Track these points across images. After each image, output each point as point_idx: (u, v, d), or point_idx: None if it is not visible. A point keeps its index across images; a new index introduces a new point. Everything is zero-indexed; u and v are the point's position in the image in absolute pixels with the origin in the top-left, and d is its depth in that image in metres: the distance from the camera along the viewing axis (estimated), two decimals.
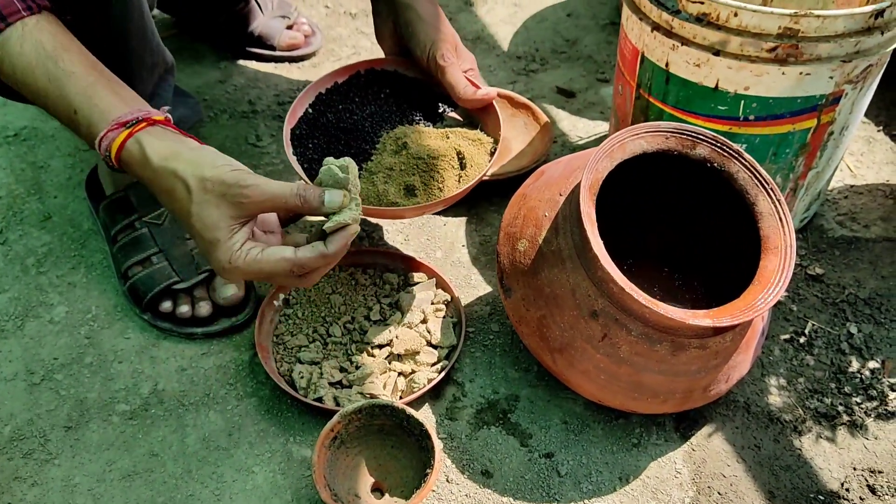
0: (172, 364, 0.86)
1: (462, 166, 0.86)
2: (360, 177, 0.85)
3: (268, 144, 1.15)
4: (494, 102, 0.89)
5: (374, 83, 0.96)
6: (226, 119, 1.20)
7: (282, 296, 0.91)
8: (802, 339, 0.90)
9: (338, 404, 0.80)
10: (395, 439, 0.76)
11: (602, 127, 1.20)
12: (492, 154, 0.88)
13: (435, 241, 1.02)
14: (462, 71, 0.89)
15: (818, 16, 0.76)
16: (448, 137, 0.88)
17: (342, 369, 0.84)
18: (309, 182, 0.78)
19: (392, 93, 0.95)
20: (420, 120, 0.93)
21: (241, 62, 1.30)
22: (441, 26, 0.89)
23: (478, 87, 0.89)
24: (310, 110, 0.93)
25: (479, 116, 0.93)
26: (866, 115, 1.20)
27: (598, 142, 1.17)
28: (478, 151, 0.88)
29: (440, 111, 0.94)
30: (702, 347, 0.73)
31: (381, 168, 0.86)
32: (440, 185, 0.84)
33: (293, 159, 0.87)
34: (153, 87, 0.91)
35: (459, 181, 0.86)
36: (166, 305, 0.89)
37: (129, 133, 0.67)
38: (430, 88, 0.95)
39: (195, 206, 0.65)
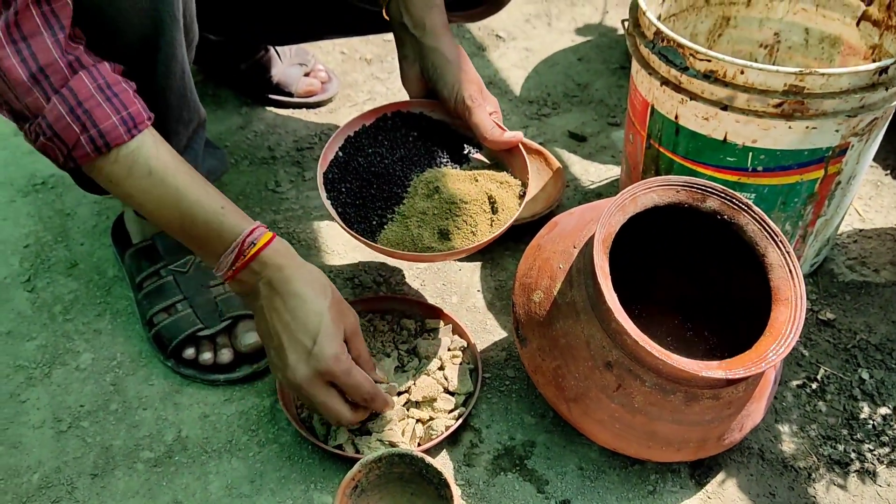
0: (195, 411, 0.88)
1: (493, 210, 0.88)
2: (393, 220, 0.89)
3: (287, 190, 1.18)
4: (520, 145, 0.91)
5: (401, 126, 0.97)
6: (246, 165, 1.23)
7: None
8: (815, 385, 0.91)
9: (357, 451, 0.82)
10: (414, 487, 0.78)
11: (613, 171, 1.22)
12: (521, 197, 0.90)
13: (450, 287, 1.04)
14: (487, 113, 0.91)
15: (823, 74, 0.78)
16: (477, 180, 0.90)
17: None
18: (343, 227, 0.88)
19: (419, 135, 0.96)
20: (447, 162, 0.94)
21: (261, 108, 1.34)
22: (467, 68, 0.92)
23: (503, 129, 0.90)
24: (340, 154, 0.94)
25: (504, 159, 0.95)
26: (874, 159, 1.22)
27: (609, 186, 1.20)
28: (507, 195, 0.90)
29: (465, 152, 0.96)
30: (715, 398, 0.74)
31: (414, 212, 0.88)
32: (473, 230, 0.86)
33: (328, 203, 0.89)
34: (187, 140, 0.94)
35: (492, 225, 0.87)
36: (189, 352, 0.92)
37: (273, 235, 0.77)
38: (455, 130, 0.96)
39: (332, 306, 0.76)
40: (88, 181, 0.80)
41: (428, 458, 0.75)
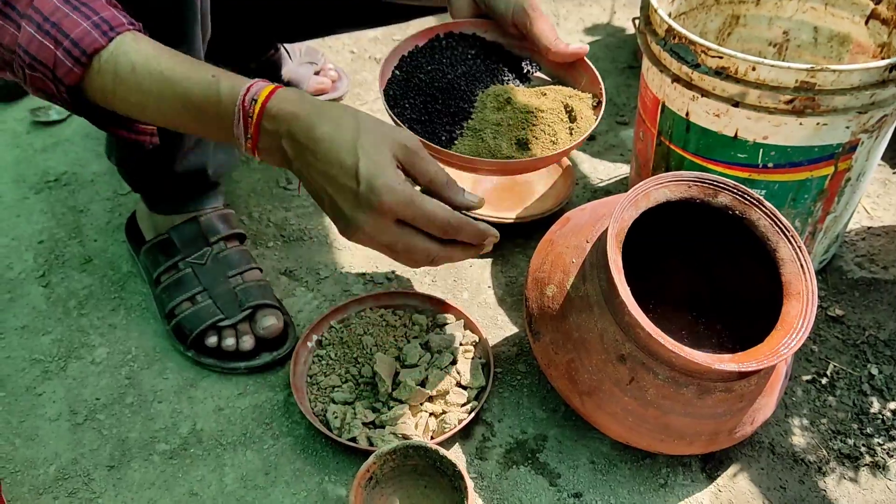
0: (210, 404, 0.89)
1: (571, 118, 0.85)
2: (463, 135, 0.84)
3: (298, 188, 1.19)
4: (585, 58, 0.88)
5: (456, 45, 0.92)
6: (257, 163, 1.24)
7: (315, 337, 0.94)
8: (824, 381, 0.91)
9: (371, 444, 0.83)
10: (428, 479, 0.78)
11: (622, 169, 1.23)
12: (595, 108, 0.87)
13: (461, 283, 1.04)
14: None
15: (834, 70, 0.79)
16: (545, 94, 0.87)
17: (374, 409, 0.86)
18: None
19: (476, 53, 0.92)
20: (512, 79, 0.91)
21: None
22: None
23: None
24: (397, 72, 0.89)
25: (567, 75, 0.92)
26: (882, 158, 1.23)
27: (618, 184, 1.20)
28: (582, 105, 0.87)
29: (525, 71, 0.92)
30: (727, 391, 0.75)
31: (486, 124, 0.83)
32: (553, 138, 0.83)
33: (395, 119, 0.84)
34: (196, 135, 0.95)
35: (571, 133, 0.84)
36: (212, 340, 0.92)
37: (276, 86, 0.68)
38: (510, 51, 0.94)
39: (366, 134, 0.66)
40: (103, 114, 0.73)
41: (442, 451, 0.76)
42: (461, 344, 0.93)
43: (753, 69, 0.81)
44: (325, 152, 0.66)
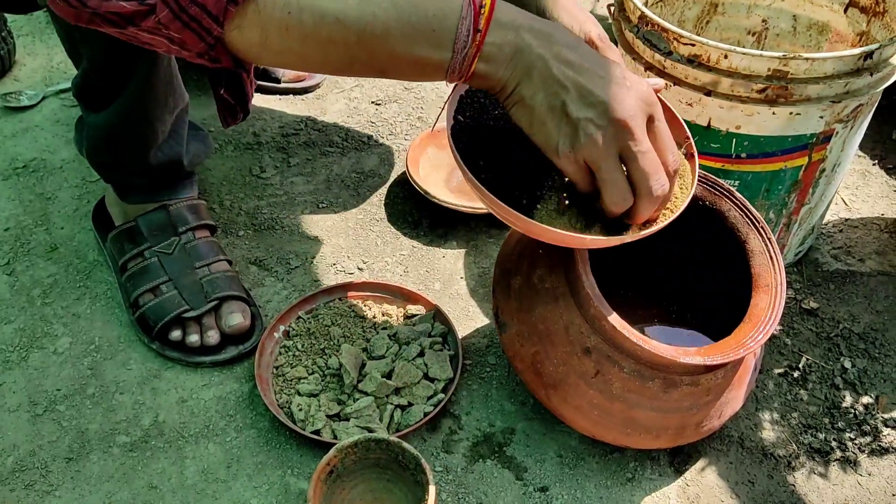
0: (173, 395, 0.88)
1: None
2: (544, 197, 0.69)
3: (272, 176, 1.17)
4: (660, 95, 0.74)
5: None
6: (231, 150, 1.22)
7: (282, 327, 0.93)
8: (796, 374, 0.90)
9: (335, 437, 0.81)
10: (390, 473, 0.77)
11: None
12: (691, 157, 0.72)
13: (434, 273, 1.03)
14: None
15: (807, 58, 0.77)
16: None
17: (340, 402, 0.85)
18: (502, 208, 0.64)
19: None
20: None
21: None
22: (571, 7, 0.75)
23: None
24: (460, 118, 0.71)
25: None
26: (861, 148, 1.21)
27: None
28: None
29: None
30: (693, 384, 0.74)
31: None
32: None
33: (485, 193, 0.65)
34: (172, 126, 0.93)
35: (680, 189, 0.71)
36: (176, 334, 0.91)
37: None
38: None
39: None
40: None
41: (404, 444, 0.74)
42: (430, 335, 0.91)
43: (726, 57, 0.80)
44: (587, 52, 0.60)
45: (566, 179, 0.69)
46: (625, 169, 0.62)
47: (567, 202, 0.68)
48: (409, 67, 0.60)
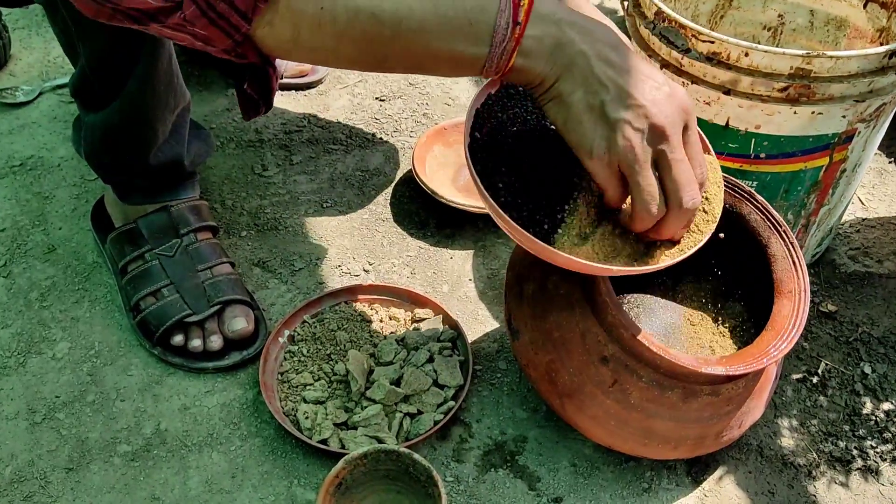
0: (175, 402, 0.85)
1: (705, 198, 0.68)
2: (566, 222, 0.65)
3: (274, 174, 1.15)
4: None
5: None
6: (232, 148, 1.19)
7: (287, 332, 0.90)
8: (815, 380, 0.88)
9: (343, 446, 0.79)
10: (401, 485, 0.75)
11: None
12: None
13: (441, 275, 1.00)
14: None
15: (831, 56, 0.75)
16: None
17: (347, 409, 0.82)
18: (524, 234, 0.61)
19: None
20: None
21: None
22: (597, 11, 0.70)
23: None
24: (477, 135, 0.66)
25: None
26: (878, 146, 1.19)
27: None
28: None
29: None
30: (714, 394, 0.71)
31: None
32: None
33: (496, 207, 0.62)
34: (172, 125, 0.90)
35: (706, 213, 0.68)
36: (178, 339, 0.88)
37: None
38: None
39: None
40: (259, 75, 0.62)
41: (415, 455, 0.72)
42: (439, 340, 0.89)
43: (746, 55, 0.77)
44: (628, 54, 0.59)
45: (593, 196, 0.66)
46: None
47: (592, 222, 0.65)
48: (445, 63, 0.58)
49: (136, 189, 0.93)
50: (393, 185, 1.13)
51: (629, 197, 0.61)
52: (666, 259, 0.64)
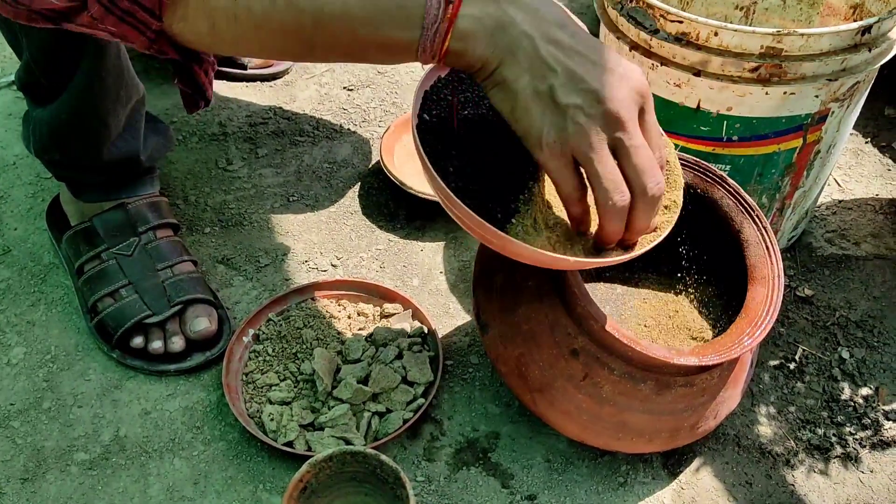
0: (136, 407, 0.82)
1: None
2: (521, 211, 0.61)
3: (239, 168, 1.11)
4: None
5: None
6: (195, 142, 1.15)
7: (251, 331, 0.87)
8: (793, 366, 0.86)
9: (309, 448, 0.76)
10: (368, 487, 0.72)
11: None
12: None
13: (411, 269, 0.98)
14: None
15: (802, 34, 0.73)
16: None
17: (314, 410, 0.80)
18: (476, 219, 0.57)
19: None
20: None
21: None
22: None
23: None
24: (426, 116, 0.63)
25: None
26: (855, 126, 1.17)
27: None
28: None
29: None
30: (688, 385, 0.69)
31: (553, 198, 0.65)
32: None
33: (448, 192, 0.58)
34: (126, 119, 0.87)
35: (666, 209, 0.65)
36: (138, 341, 0.85)
37: None
38: None
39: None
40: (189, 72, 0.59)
41: (382, 456, 0.69)
42: (409, 336, 0.86)
43: (716, 34, 0.75)
44: (578, 33, 0.54)
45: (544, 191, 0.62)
46: None
47: (551, 212, 0.61)
48: (375, 49, 0.54)
49: (91, 186, 0.90)
50: (362, 176, 1.10)
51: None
52: (628, 251, 0.61)
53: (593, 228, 0.60)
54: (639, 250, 0.60)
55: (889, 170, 1.11)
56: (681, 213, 0.64)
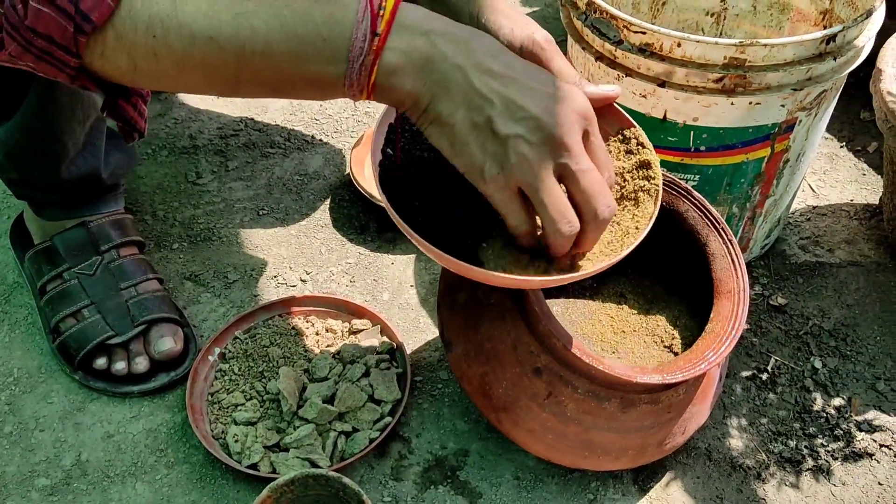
0: (98, 431, 0.81)
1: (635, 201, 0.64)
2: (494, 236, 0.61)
3: (208, 182, 1.10)
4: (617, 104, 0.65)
5: None
6: (165, 155, 1.14)
7: (217, 349, 0.86)
8: (765, 376, 0.86)
9: (274, 470, 0.75)
10: None
11: None
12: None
13: (382, 283, 0.97)
14: None
15: (765, 44, 0.72)
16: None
17: (279, 430, 0.79)
18: (446, 257, 0.56)
19: None
20: None
21: (183, 94, 1.25)
22: (510, 12, 0.63)
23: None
24: (389, 150, 0.63)
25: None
26: (829, 130, 1.17)
27: None
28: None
29: None
30: (653, 402, 0.68)
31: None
32: (618, 234, 0.63)
33: (409, 230, 0.57)
34: (85, 137, 0.85)
35: (634, 221, 0.63)
36: (101, 363, 0.84)
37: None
38: None
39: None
40: (113, 90, 0.57)
41: (344, 479, 0.68)
42: (377, 352, 0.85)
43: (679, 45, 0.74)
44: (512, 61, 0.53)
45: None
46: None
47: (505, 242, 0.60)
48: (303, 85, 0.53)
49: (51, 204, 0.88)
50: (333, 189, 1.09)
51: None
52: (588, 266, 0.60)
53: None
54: (605, 262, 0.59)
55: (864, 174, 1.10)
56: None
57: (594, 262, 0.60)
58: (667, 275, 0.80)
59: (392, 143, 0.62)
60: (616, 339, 0.77)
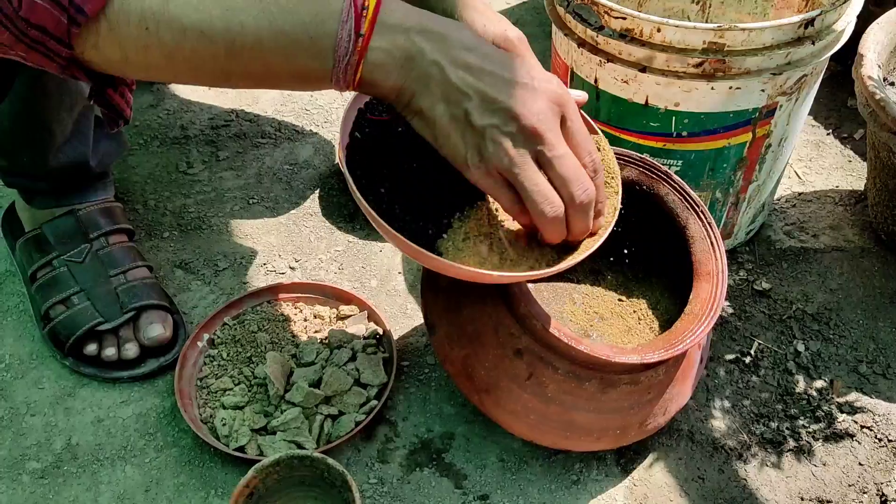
0: (88, 415, 0.82)
1: None
2: (454, 226, 0.62)
3: (199, 171, 1.11)
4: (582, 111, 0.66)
5: None
6: (156, 145, 1.15)
7: (206, 335, 0.87)
8: (748, 360, 0.86)
9: (261, 453, 0.76)
10: (318, 491, 0.72)
11: None
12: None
13: (370, 269, 0.98)
14: None
15: (743, 29, 0.72)
16: None
17: (266, 414, 0.80)
18: (405, 242, 0.58)
19: None
20: None
21: (174, 85, 1.25)
22: (493, 11, 0.65)
23: None
24: (357, 135, 0.63)
25: None
26: (815, 117, 1.17)
27: None
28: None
29: None
30: (633, 383, 0.69)
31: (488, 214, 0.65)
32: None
33: (372, 212, 0.58)
34: (73, 125, 0.86)
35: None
36: (91, 349, 0.85)
37: None
38: None
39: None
40: (100, 79, 0.57)
41: (329, 460, 0.69)
42: (364, 338, 0.86)
43: (658, 30, 0.75)
44: (490, 53, 0.55)
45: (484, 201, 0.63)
46: None
47: (486, 228, 0.62)
48: (290, 78, 0.55)
49: (41, 192, 0.89)
50: (322, 178, 1.10)
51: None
52: (565, 260, 0.60)
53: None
54: (573, 258, 0.60)
55: (850, 161, 1.11)
56: (624, 213, 0.64)
57: (566, 260, 0.61)
58: (647, 258, 0.81)
59: (361, 127, 0.63)
60: (596, 321, 0.78)
